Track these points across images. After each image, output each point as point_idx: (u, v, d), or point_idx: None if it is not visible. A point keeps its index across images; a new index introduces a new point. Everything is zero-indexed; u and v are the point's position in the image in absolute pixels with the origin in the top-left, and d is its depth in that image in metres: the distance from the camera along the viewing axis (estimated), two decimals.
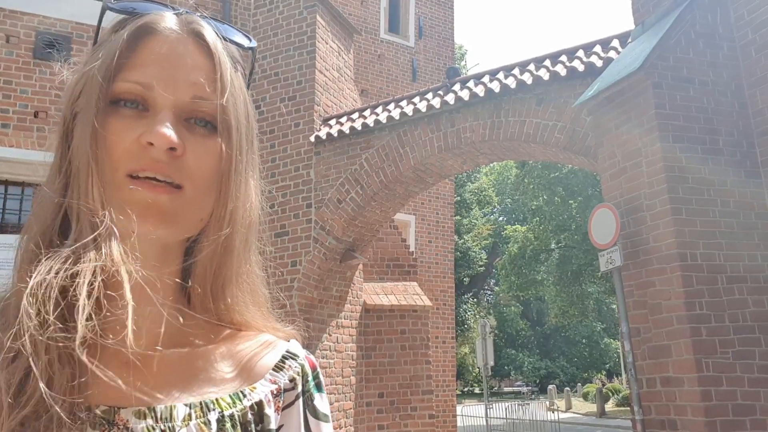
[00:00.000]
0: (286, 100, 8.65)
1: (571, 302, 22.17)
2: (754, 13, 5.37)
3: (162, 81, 0.66)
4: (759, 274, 5.02)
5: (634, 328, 5.30)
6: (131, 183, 0.64)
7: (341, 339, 8.40)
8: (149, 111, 0.66)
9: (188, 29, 0.70)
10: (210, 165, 0.68)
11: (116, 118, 0.66)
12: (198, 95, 0.67)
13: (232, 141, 0.69)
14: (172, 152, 0.64)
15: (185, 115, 0.67)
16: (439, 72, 14.77)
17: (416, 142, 7.72)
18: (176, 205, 0.65)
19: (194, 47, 0.69)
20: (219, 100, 0.68)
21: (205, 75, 0.68)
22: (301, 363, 0.76)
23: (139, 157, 0.64)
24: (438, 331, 13.30)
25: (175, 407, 0.65)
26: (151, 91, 0.66)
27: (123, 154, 0.64)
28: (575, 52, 7.06)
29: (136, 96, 0.66)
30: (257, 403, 0.70)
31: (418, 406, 8.75)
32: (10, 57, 7.52)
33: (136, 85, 0.66)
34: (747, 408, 4.70)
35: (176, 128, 0.65)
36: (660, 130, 5.15)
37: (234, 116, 0.69)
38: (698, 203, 5.07)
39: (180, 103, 0.66)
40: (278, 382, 0.73)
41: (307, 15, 8.77)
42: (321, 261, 8.02)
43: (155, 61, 0.67)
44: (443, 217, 14.44)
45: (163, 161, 0.64)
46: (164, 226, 0.65)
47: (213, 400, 0.68)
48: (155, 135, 0.63)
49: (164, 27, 0.69)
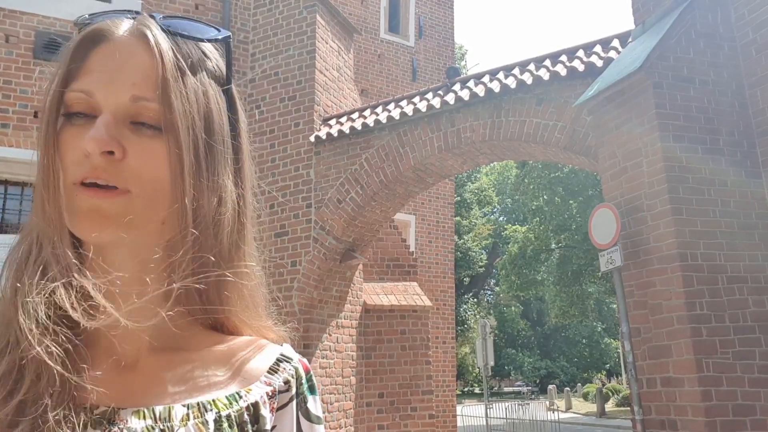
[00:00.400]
0: (286, 100, 8.64)
1: (572, 302, 22.16)
2: (754, 12, 5.36)
3: (102, 85, 0.66)
4: (759, 274, 5.02)
5: (635, 328, 5.29)
6: (77, 190, 0.64)
7: (341, 339, 8.40)
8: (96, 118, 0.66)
9: (135, 31, 0.69)
10: (158, 165, 0.66)
11: (67, 130, 0.66)
12: (138, 95, 0.66)
13: (180, 140, 0.67)
14: (110, 156, 0.64)
15: (130, 118, 0.66)
16: (439, 72, 14.77)
17: (416, 142, 7.71)
18: (122, 207, 0.65)
19: (140, 48, 0.68)
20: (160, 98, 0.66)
21: (149, 74, 0.67)
22: (295, 366, 0.78)
23: (81, 167, 0.64)
24: (438, 331, 13.29)
25: (174, 408, 0.66)
26: (93, 96, 0.66)
27: (70, 165, 0.65)
28: (575, 51, 7.06)
29: (83, 105, 0.66)
30: (253, 404, 0.71)
31: (418, 406, 8.74)
32: (9, 57, 7.51)
33: (79, 94, 0.66)
34: (747, 408, 4.70)
35: (119, 131, 0.65)
36: (660, 129, 5.14)
37: (182, 115, 0.67)
38: (699, 203, 5.07)
39: (120, 106, 0.65)
40: (273, 384, 0.74)
41: (307, 15, 8.77)
42: (321, 261, 8.01)
43: (98, 67, 0.67)
44: (443, 217, 14.43)
45: (102, 167, 0.64)
46: (108, 230, 0.64)
47: (210, 401, 0.69)
48: (87, 141, 0.63)
49: (113, 33, 0.68)
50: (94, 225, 0.64)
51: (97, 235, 0.64)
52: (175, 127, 0.66)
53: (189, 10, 8.74)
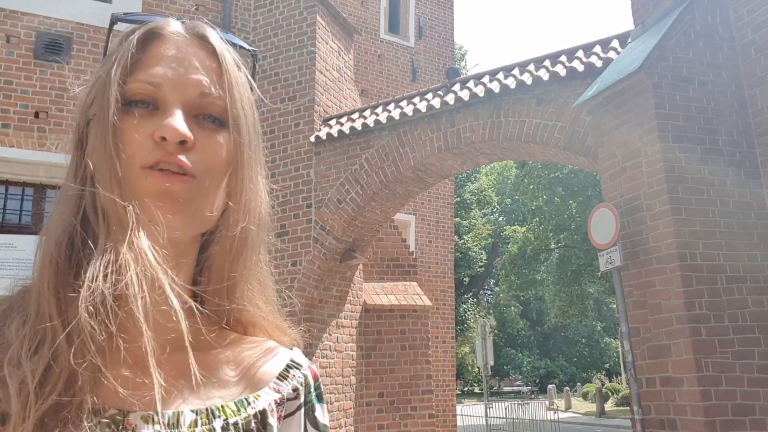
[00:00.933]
0: (286, 100, 8.65)
1: (571, 302, 22.18)
2: (753, 13, 5.37)
3: (170, 80, 0.69)
4: (758, 274, 5.03)
5: (634, 327, 5.30)
6: (146, 174, 0.66)
7: (341, 339, 8.40)
8: (160, 109, 0.69)
9: (193, 32, 0.73)
10: (220, 157, 0.70)
11: (129, 118, 0.68)
12: (206, 92, 0.70)
13: (242, 134, 0.72)
14: (183, 145, 0.67)
15: (194, 112, 0.70)
16: (439, 72, 14.78)
17: (416, 142, 7.72)
18: (190, 193, 0.67)
19: (199, 49, 0.72)
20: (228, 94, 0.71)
21: (212, 73, 0.71)
22: (304, 373, 0.78)
23: (154, 152, 0.67)
24: (438, 331, 13.30)
25: (182, 413, 0.67)
26: (161, 89, 0.69)
27: (137, 150, 0.67)
28: (575, 52, 7.07)
29: (147, 96, 0.69)
30: (261, 412, 0.72)
31: (418, 405, 8.75)
32: (10, 57, 7.52)
33: (145, 85, 0.69)
34: (746, 408, 4.71)
35: (187, 124, 0.68)
36: (660, 130, 5.15)
37: (242, 112, 0.72)
38: (698, 203, 5.08)
39: (188, 100, 0.69)
40: (282, 391, 0.75)
41: (307, 15, 8.77)
42: (321, 261, 8.02)
43: (163, 61, 0.70)
44: (443, 217, 14.44)
45: (176, 154, 0.67)
46: (179, 214, 0.67)
47: (218, 407, 0.69)
48: (167, 129, 0.66)
49: (170, 31, 0.72)
50: (168, 207, 0.66)
51: (171, 218, 0.66)
52: (240, 123, 0.72)
53: (189, 11, 8.75)
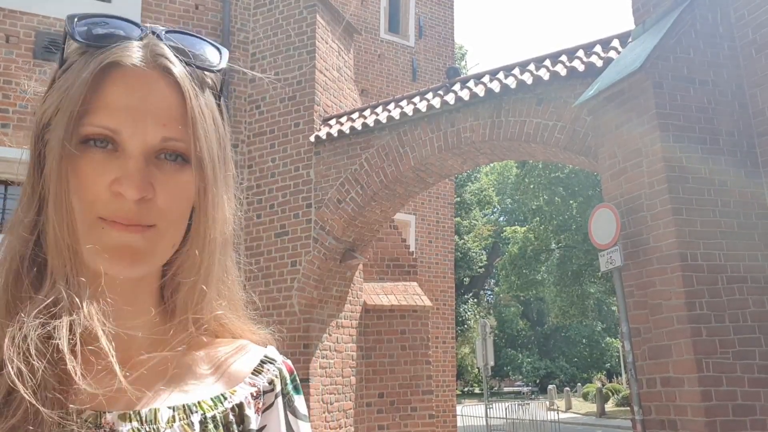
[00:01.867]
0: (286, 100, 8.65)
1: (572, 302, 22.17)
2: (754, 12, 5.37)
3: (130, 125, 0.66)
4: (759, 274, 5.02)
5: (635, 328, 5.29)
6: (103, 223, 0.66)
7: (341, 339, 8.40)
8: (118, 151, 0.66)
9: (155, 63, 0.68)
10: (182, 199, 0.69)
11: (87, 159, 0.66)
12: (168, 136, 0.67)
13: (206, 174, 0.70)
14: (142, 199, 0.66)
15: (155, 153, 0.68)
16: (439, 72, 14.77)
17: (416, 142, 7.71)
18: (151, 243, 0.67)
19: (161, 82, 0.68)
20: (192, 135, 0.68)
21: (174, 112, 0.68)
22: (278, 367, 0.80)
23: (110, 205, 0.65)
24: (438, 331, 13.29)
25: (159, 410, 0.68)
26: (119, 135, 0.66)
27: (95, 200, 0.66)
28: (575, 52, 7.06)
29: (105, 137, 0.67)
30: (238, 405, 0.73)
31: (418, 406, 8.74)
32: (9, 57, 7.51)
33: (103, 130, 0.66)
34: (747, 408, 4.70)
35: (146, 170, 0.66)
36: (660, 129, 5.15)
37: (206, 150, 0.69)
38: (699, 203, 5.07)
39: (149, 146, 0.67)
40: (257, 384, 0.77)
41: (307, 15, 8.77)
42: (321, 261, 8.01)
43: (121, 103, 0.66)
44: (443, 217, 14.43)
45: (134, 210, 0.66)
46: (138, 265, 0.67)
47: (195, 403, 0.70)
48: (125, 187, 0.65)
49: (130, 63, 0.67)
50: (127, 261, 0.66)
51: (129, 271, 0.67)
52: (203, 165, 0.69)
53: (189, 10, 8.74)
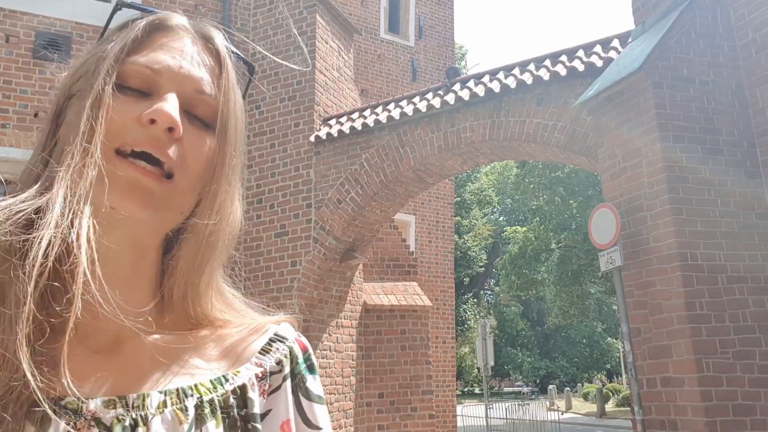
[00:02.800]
0: (286, 100, 8.64)
1: (572, 302, 22.16)
2: (754, 12, 5.36)
3: (170, 68, 0.68)
4: (759, 274, 5.02)
5: (635, 328, 5.29)
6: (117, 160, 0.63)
7: (341, 339, 8.40)
8: (153, 96, 0.66)
9: (199, 31, 0.73)
10: (203, 158, 0.68)
11: (118, 98, 0.65)
12: (201, 89, 0.69)
13: (228, 139, 0.70)
14: (171, 134, 0.64)
15: (186, 107, 0.67)
16: (439, 72, 14.76)
17: (416, 142, 7.71)
18: (165, 194, 0.65)
19: (203, 47, 0.72)
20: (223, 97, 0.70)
21: (211, 72, 0.70)
22: (289, 345, 0.74)
23: (138, 133, 0.64)
24: (438, 331, 13.29)
25: (149, 395, 0.63)
26: (159, 76, 0.67)
27: (120, 128, 0.64)
28: (575, 52, 7.06)
29: (143, 81, 0.67)
30: (240, 387, 0.69)
31: (418, 406, 8.74)
32: (9, 57, 7.51)
33: (144, 69, 0.67)
34: (747, 408, 4.70)
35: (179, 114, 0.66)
36: (660, 130, 5.14)
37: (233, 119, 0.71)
38: (698, 203, 5.07)
39: (184, 93, 0.67)
40: (264, 365, 0.72)
41: (307, 15, 8.77)
42: (321, 261, 8.01)
43: (165, 50, 0.69)
44: (443, 217, 14.43)
45: (162, 140, 0.64)
46: (149, 210, 0.64)
47: (191, 386, 0.66)
48: (158, 112, 0.63)
49: (176, 24, 0.72)
50: (138, 201, 0.63)
51: (139, 211, 0.63)
52: (228, 128, 0.70)
53: (189, 10, 8.74)
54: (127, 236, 0.65)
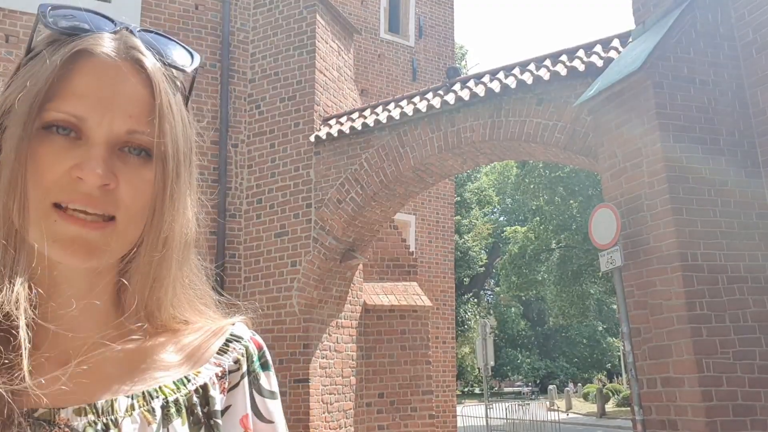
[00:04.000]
0: (286, 100, 8.64)
1: (572, 302, 22.16)
2: (754, 12, 5.36)
3: (97, 113, 0.65)
4: (760, 274, 5.01)
5: (635, 328, 5.29)
6: (57, 215, 0.64)
7: (341, 339, 8.39)
8: (82, 140, 0.65)
9: (126, 55, 0.68)
10: (144, 194, 0.67)
11: (48, 144, 0.64)
12: (134, 129, 0.66)
13: (168, 170, 0.68)
14: (104, 187, 0.64)
15: (120, 145, 0.66)
16: (439, 72, 14.76)
17: (416, 142, 7.71)
18: (107, 238, 0.65)
19: (132, 74, 0.67)
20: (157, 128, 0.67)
21: (142, 104, 0.67)
22: (245, 344, 0.78)
23: (70, 189, 0.64)
24: (438, 331, 13.29)
25: (116, 400, 0.66)
26: (84, 123, 0.65)
27: (52, 184, 0.64)
28: (576, 51, 7.05)
29: (69, 125, 0.65)
30: (202, 386, 0.72)
31: (418, 406, 8.74)
32: (9, 57, 7.51)
33: (68, 116, 0.65)
34: (748, 408, 4.69)
35: (110, 160, 0.65)
36: (660, 129, 5.14)
37: (171, 145, 0.68)
38: (699, 203, 5.07)
39: (115, 137, 0.66)
40: (222, 364, 0.75)
41: (306, 15, 8.76)
42: (321, 261, 8.01)
43: (90, 90, 0.65)
44: (443, 217, 14.43)
45: (95, 196, 0.64)
46: (93, 260, 0.65)
47: (156, 389, 0.69)
48: (87, 173, 0.63)
49: (101, 52, 0.66)
50: (80, 255, 0.64)
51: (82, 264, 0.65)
52: (166, 159, 0.68)
53: (189, 10, 8.73)
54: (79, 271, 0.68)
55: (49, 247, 0.63)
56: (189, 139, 0.73)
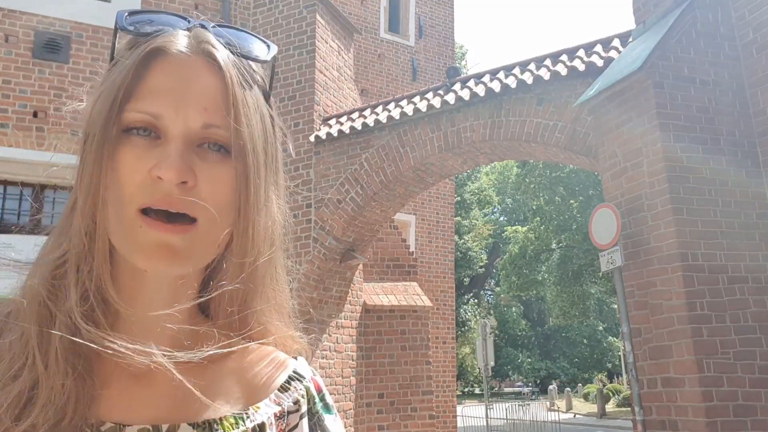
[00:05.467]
0: (286, 100, 8.63)
1: (572, 302, 22.17)
2: (755, 12, 5.36)
3: (172, 109, 0.64)
4: (760, 274, 5.01)
5: (635, 328, 5.28)
6: (142, 221, 0.63)
7: (341, 339, 8.39)
8: (161, 138, 0.64)
9: (199, 49, 0.67)
10: (225, 191, 0.66)
11: (128, 149, 0.64)
12: (209, 122, 0.65)
13: (248, 164, 0.67)
14: (183, 185, 0.63)
15: (198, 141, 0.65)
16: (440, 71, 14.76)
17: (416, 142, 7.70)
18: (191, 242, 0.64)
19: (205, 69, 0.67)
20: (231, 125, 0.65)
21: (217, 98, 0.66)
22: (306, 385, 0.76)
23: (152, 191, 0.62)
24: (438, 332, 13.28)
25: (179, 426, 0.65)
26: (161, 120, 0.64)
27: (136, 189, 0.63)
28: (576, 51, 7.05)
29: (147, 124, 0.64)
30: (259, 425, 0.70)
31: (418, 406, 8.73)
32: (9, 56, 7.50)
33: (145, 116, 0.64)
34: (748, 408, 4.69)
35: (188, 156, 0.64)
36: (661, 129, 5.14)
37: (249, 139, 0.67)
38: (699, 203, 5.06)
39: (191, 132, 0.65)
40: (282, 404, 0.73)
41: (306, 14, 8.76)
42: (321, 261, 8.00)
43: (165, 88, 0.65)
44: (443, 217, 14.42)
45: (175, 194, 0.63)
46: (177, 265, 0.64)
47: (217, 420, 0.67)
48: (164, 170, 0.62)
49: (175, 50, 0.66)
50: (164, 261, 0.63)
51: (167, 270, 0.64)
52: (245, 153, 0.66)
53: (189, 10, 8.73)
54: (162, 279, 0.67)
55: (135, 254, 0.63)
56: (269, 133, 0.71)
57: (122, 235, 0.63)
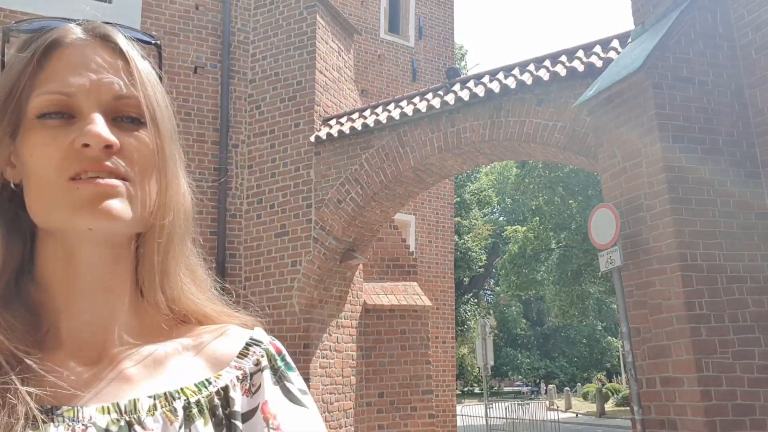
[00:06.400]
0: (286, 100, 8.65)
1: (572, 302, 22.17)
2: (753, 13, 5.37)
3: (83, 86, 0.67)
4: (759, 274, 5.02)
5: (634, 328, 5.30)
6: (77, 185, 0.65)
7: (341, 339, 8.40)
8: (75, 117, 0.67)
9: (95, 33, 0.71)
10: (147, 153, 0.69)
11: (44, 131, 0.66)
12: (120, 94, 0.69)
13: (161, 129, 0.71)
14: (108, 150, 0.66)
15: (111, 115, 0.68)
16: (439, 72, 14.76)
17: (416, 142, 7.72)
18: (128, 195, 0.67)
19: (104, 50, 0.70)
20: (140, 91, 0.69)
21: (121, 74, 0.70)
22: (265, 348, 0.77)
23: (79, 161, 0.65)
24: (438, 331, 13.29)
25: (139, 400, 0.67)
26: (74, 98, 0.67)
27: (61, 162, 0.65)
28: (575, 52, 7.06)
29: (60, 107, 0.67)
30: (223, 388, 0.72)
31: (418, 406, 8.74)
32: None
33: (57, 95, 0.67)
34: (747, 408, 4.70)
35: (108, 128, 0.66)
36: (660, 130, 5.15)
37: (157, 107, 0.71)
38: (698, 203, 5.07)
39: (104, 105, 0.68)
40: (243, 367, 0.75)
41: (307, 15, 8.77)
42: (321, 261, 8.02)
43: (70, 69, 0.68)
44: (443, 217, 14.43)
45: (103, 159, 0.65)
46: (120, 218, 0.66)
47: (178, 390, 0.69)
48: (89, 135, 0.64)
49: (71, 37, 0.70)
50: (106, 213, 0.65)
51: (111, 222, 0.65)
52: (157, 118, 0.70)
53: (189, 11, 8.74)
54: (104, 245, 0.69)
55: (75, 216, 0.65)
56: (170, 111, 0.74)
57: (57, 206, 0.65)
